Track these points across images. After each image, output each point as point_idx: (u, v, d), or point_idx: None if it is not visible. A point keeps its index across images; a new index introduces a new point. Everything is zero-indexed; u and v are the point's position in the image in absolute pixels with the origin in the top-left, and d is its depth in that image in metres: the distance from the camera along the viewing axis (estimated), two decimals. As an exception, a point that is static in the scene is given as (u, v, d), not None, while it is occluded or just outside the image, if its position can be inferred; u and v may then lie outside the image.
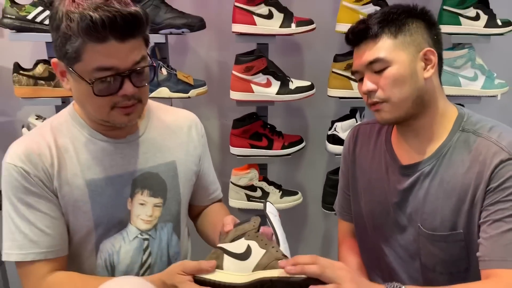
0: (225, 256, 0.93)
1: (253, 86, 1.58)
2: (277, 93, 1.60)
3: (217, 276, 0.91)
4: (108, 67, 0.87)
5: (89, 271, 1.03)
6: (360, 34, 1.01)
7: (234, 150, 1.70)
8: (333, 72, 1.66)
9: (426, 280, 1.08)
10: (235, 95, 1.61)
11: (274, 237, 0.96)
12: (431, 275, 1.07)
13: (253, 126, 1.68)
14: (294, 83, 1.63)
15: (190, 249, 1.21)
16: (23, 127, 1.65)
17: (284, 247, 0.95)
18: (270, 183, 1.76)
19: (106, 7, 0.84)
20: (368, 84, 1.00)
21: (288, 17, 1.57)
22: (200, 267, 0.88)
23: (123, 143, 1.03)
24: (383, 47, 0.98)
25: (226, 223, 0.99)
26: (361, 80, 1.04)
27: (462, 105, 1.65)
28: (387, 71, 0.98)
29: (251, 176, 1.72)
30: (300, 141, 1.75)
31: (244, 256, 0.93)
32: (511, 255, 0.93)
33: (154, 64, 0.97)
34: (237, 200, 1.73)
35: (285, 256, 0.91)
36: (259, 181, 1.74)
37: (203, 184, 1.19)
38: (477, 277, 0.99)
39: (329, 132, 1.74)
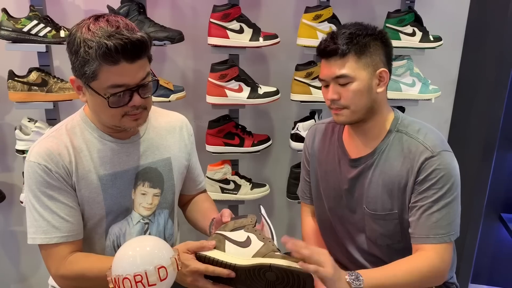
0: (227, 242, 1.01)
1: (227, 91, 1.72)
2: (247, 97, 1.73)
3: (219, 255, 0.98)
4: (120, 84, 0.99)
5: (99, 251, 1.16)
6: (331, 51, 1.14)
7: (210, 148, 1.81)
8: (295, 79, 1.78)
9: (370, 250, 1.27)
10: (211, 99, 1.73)
11: (269, 234, 1.04)
12: (373, 246, 1.26)
13: (227, 126, 1.80)
14: (262, 89, 1.76)
15: (179, 234, 1.34)
16: (15, 129, 1.75)
17: (275, 242, 1.03)
18: (242, 177, 1.88)
19: (117, 35, 0.95)
20: (333, 94, 1.16)
21: (257, 32, 1.71)
22: (202, 245, 1.00)
23: (128, 143, 1.15)
24: (349, 66, 1.13)
25: (224, 215, 1.10)
26: (326, 87, 1.19)
27: (403, 108, 1.89)
28: (350, 86, 1.14)
29: (225, 171, 1.83)
30: (268, 139, 1.88)
31: (244, 244, 1.00)
32: (432, 233, 1.13)
33: (157, 78, 1.09)
34: (212, 193, 1.82)
35: (279, 250, 0.99)
36: (232, 175, 1.85)
37: (191, 176, 1.33)
38: (408, 248, 1.18)
39: (292, 131, 1.85)
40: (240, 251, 0.98)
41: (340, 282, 1.01)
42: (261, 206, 1.13)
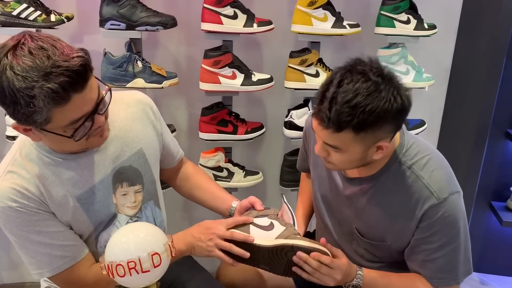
0: (251, 226, 1.07)
1: (220, 78, 1.69)
2: (241, 85, 1.71)
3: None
4: (79, 117, 0.89)
5: None
6: (323, 119, 0.93)
7: (203, 135, 1.79)
8: (289, 66, 1.76)
9: (356, 252, 1.23)
10: (204, 86, 1.71)
11: (291, 220, 1.10)
12: (360, 254, 1.22)
13: (220, 113, 1.78)
14: (256, 76, 1.74)
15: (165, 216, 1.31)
16: (5, 115, 1.72)
17: (296, 227, 1.10)
18: (235, 164, 1.87)
19: (55, 69, 0.80)
20: (320, 151, 1.03)
21: (251, 18, 1.69)
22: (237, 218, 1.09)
23: (94, 152, 1.04)
24: (342, 139, 0.94)
25: (257, 204, 1.16)
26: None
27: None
28: (339, 152, 0.99)
29: (218, 158, 1.81)
30: (261, 127, 1.86)
31: (268, 228, 1.07)
32: (436, 277, 1.08)
33: (108, 86, 0.97)
34: None
35: (298, 234, 1.08)
36: (225, 162, 1.83)
37: (168, 152, 1.28)
38: (397, 265, 1.17)
39: (286, 119, 1.83)
40: (264, 235, 1.04)
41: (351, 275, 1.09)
42: (283, 194, 1.15)
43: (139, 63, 1.69)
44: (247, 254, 1.04)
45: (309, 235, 1.47)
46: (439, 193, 1.02)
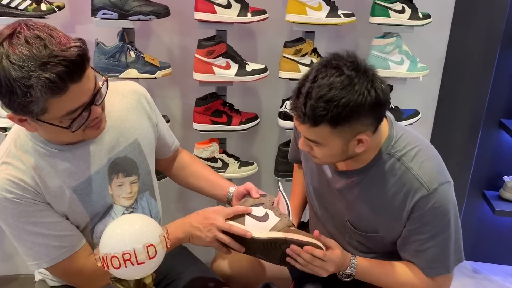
0: (247, 216, 1.08)
1: (214, 68, 1.68)
2: (235, 75, 1.69)
3: (241, 227, 1.06)
4: (76, 108, 0.88)
5: None
6: (299, 114, 0.94)
7: (197, 126, 1.78)
8: (283, 56, 1.76)
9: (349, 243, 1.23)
10: (198, 76, 1.69)
11: (286, 210, 1.10)
12: (354, 246, 1.22)
13: (214, 104, 1.77)
14: (250, 66, 1.73)
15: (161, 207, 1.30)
16: None
17: (291, 218, 1.10)
18: (229, 155, 1.86)
19: (52, 59, 0.79)
20: (303, 146, 1.04)
21: (245, 7, 1.67)
22: (237, 207, 1.08)
23: (90, 143, 1.03)
24: (320, 133, 0.95)
25: (253, 191, 1.16)
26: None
27: (391, 86, 1.87)
28: (320, 147, 1.00)
29: (213, 149, 1.80)
30: (256, 117, 1.85)
31: (262, 219, 1.07)
32: (429, 266, 1.09)
33: (105, 76, 0.96)
34: None
35: (293, 225, 1.08)
36: (219, 153, 1.82)
37: (164, 143, 1.26)
38: (390, 255, 1.16)
39: (280, 109, 1.83)
40: (259, 225, 1.05)
41: (344, 264, 1.10)
42: (279, 183, 1.15)
43: (132, 53, 1.67)
44: (242, 249, 1.07)
45: (303, 225, 1.47)
46: (429, 184, 1.02)
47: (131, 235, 0.87)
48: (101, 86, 0.93)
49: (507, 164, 2.21)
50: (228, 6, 1.67)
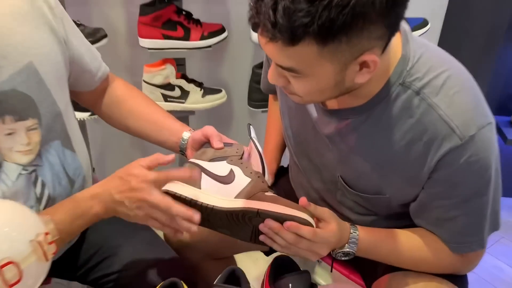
0: (203, 175, 0.85)
1: None
2: None
3: (193, 194, 0.80)
4: None
5: None
6: (268, 29, 0.66)
7: (144, 42, 1.50)
8: None
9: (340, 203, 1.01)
10: None
11: (259, 165, 0.87)
12: (348, 206, 1.00)
13: (165, 12, 1.47)
14: None
15: (90, 162, 1.04)
16: None
17: (267, 178, 0.86)
18: (190, 80, 1.63)
19: None
20: (275, 78, 0.76)
21: None
22: (160, 156, 0.82)
23: None
24: (301, 57, 0.68)
25: (214, 139, 0.91)
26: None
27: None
28: (301, 79, 0.73)
29: (167, 73, 1.56)
30: (222, 30, 1.60)
31: (226, 179, 0.85)
32: (456, 240, 0.86)
33: None
34: None
35: (270, 188, 0.84)
36: (176, 78, 1.59)
37: (83, 68, 0.99)
38: (396, 216, 0.95)
39: None
40: (220, 189, 0.84)
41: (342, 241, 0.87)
42: (251, 126, 0.90)
43: None
44: (195, 225, 0.81)
45: (281, 172, 1.24)
46: (463, 130, 0.75)
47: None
48: None
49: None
50: None
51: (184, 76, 1.62)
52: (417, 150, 0.79)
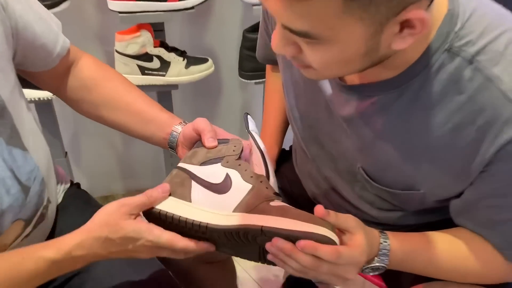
0: (194, 184, 0.73)
1: None
2: None
3: (182, 210, 0.69)
4: None
5: None
6: None
7: (114, 5, 1.33)
8: None
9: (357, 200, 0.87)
10: None
11: (262, 166, 0.75)
12: (369, 201, 0.86)
13: None
14: None
15: (50, 159, 0.88)
16: None
17: (273, 181, 0.74)
18: (171, 49, 1.48)
19: None
20: (281, 47, 0.61)
21: None
22: (149, 197, 0.69)
23: None
24: (319, 13, 0.53)
25: (206, 135, 0.77)
26: None
27: None
28: (319, 47, 0.58)
29: (143, 40, 1.39)
30: None
31: (221, 188, 0.73)
32: (509, 247, 0.73)
33: None
34: (128, 75, 1.40)
35: (277, 195, 0.71)
36: (154, 47, 1.43)
37: (33, 42, 0.82)
38: (426, 211, 0.81)
39: None
40: (215, 201, 0.72)
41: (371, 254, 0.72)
42: (248, 116, 0.80)
43: None
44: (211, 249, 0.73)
45: (283, 156, 1.09)
46: None
47: None
48: None
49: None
50: None
51: (163, 44, 1.46)
52: (468, 137, 0.64)
